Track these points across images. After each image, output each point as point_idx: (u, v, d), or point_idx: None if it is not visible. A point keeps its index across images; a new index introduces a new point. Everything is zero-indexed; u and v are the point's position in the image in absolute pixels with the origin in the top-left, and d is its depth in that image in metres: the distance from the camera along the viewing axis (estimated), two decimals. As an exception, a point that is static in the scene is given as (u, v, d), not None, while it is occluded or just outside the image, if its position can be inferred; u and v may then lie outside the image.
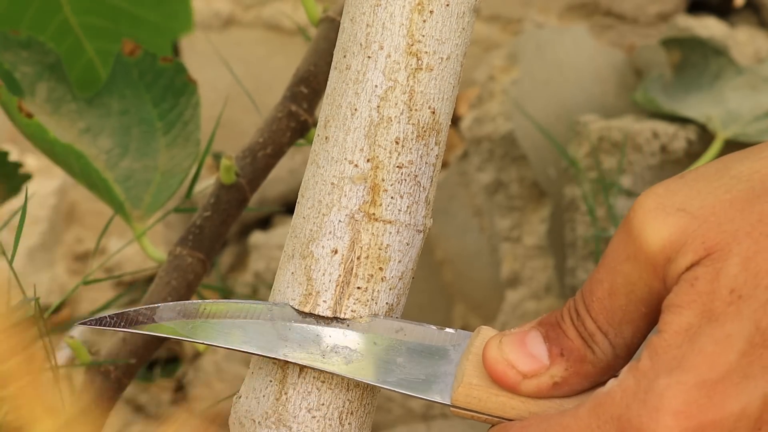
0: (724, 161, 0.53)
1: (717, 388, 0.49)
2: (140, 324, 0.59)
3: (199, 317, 0.59)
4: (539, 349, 0.55)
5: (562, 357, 0.54)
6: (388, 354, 0.58)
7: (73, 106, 0.89)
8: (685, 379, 0.49)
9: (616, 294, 0.53)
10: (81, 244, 1.68)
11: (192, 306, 0.59)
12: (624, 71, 1.29)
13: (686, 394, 0.49)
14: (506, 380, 0.55)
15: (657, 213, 0.52)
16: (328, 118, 0.60)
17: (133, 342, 0.78)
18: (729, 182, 0.52)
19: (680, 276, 0.51)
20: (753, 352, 0.49)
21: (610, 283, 0.53)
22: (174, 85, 0.88)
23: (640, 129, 1.15)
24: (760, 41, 1.35)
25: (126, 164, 0.87)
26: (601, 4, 1.53)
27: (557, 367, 0.54)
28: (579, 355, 0.54)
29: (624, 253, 0.53)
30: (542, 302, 1.24)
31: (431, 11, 0.59)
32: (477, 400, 0.56)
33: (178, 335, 0.59)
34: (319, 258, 0.59)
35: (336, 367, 0.58)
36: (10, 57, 0.88)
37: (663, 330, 0.51)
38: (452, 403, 0.57)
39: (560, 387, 0.55)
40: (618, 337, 0.54)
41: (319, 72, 0.82)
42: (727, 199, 0.51)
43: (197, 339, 0.59)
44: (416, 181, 0.60)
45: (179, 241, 0.80)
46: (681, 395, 0.49)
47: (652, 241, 0.52)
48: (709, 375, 0.49)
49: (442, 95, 0.60)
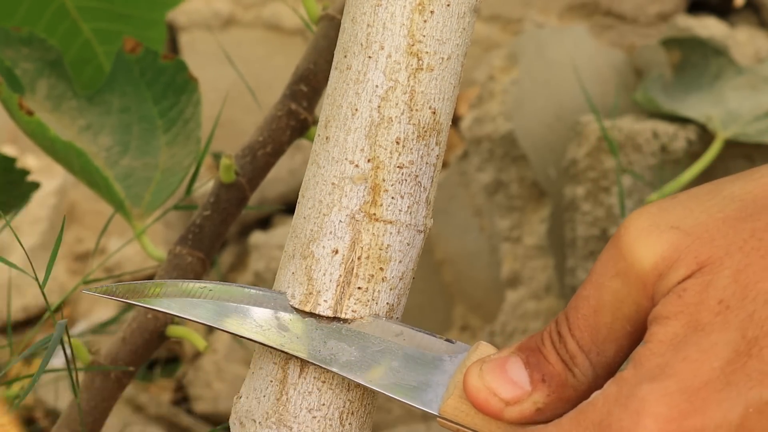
0: (717, 183, 0.53)
1: (699, 394, 0.49)
2: (146, 297, 0.60)
3: (203, 298, 0.59)
4: (520, 375, 0.54)
5: (543, 383, 0.54)
6: (385, 357, 0.58)
7: (73, 103, 0.89)
8: (668, 385, 0.49)
9: (602, 311, 0.53)
10: (81, 244, 1.68)
11: (198, 286, 0.60)
12: (624, 71, 1.29)
13: (668, 398, 0.49)
14: (489, 408, 0.54)
15: (650, 230, 0.52)
16: (329, 118, 0.60)
17: (133, 341, 0.78)
18: (721, 202, 0.52)
19: (670, 290, 0.51)
20: (738, 361, 0.49)
21: (596, 300, 0.53)
22: (175, 83, 0.87)
23: (640, 129, 1.15)
24: (760, 41, 1.35)
25: (126, 162, 0.87)
26: (601, 4, 1.53)
27: (539, 393, 0.54)
28: (560, 380, 0.54)
29: (613, 269, 0.53)
30: (542, 302, 1.24)
31: (432, 11, 0.59)
32: (464, 414, 0.56)
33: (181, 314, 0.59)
34: (319, 258, 0.59)
35: (331, 364, 0.58)
36: (10, 53, 0.88)
37: (648, 341, 0.51)
38: (440, 414, 0.57)
39: (543, 412, 0.54)
40: (600, 356, 0.54)
41: (318, 70, 0.82)
42: (720, 218, 0.52)
43: (199, 319, 0.59)
44: (417, 182, 0.60)
45: (179, 240, 0.80)
46: (662, 400, 0.49)
47: (644, 258, 0.52)
48: (692, 382, 0.49)
49: (442, 95, 0.60)
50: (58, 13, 0.98)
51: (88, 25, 0.99)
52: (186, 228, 0.80)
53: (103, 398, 0.78)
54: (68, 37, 0.99)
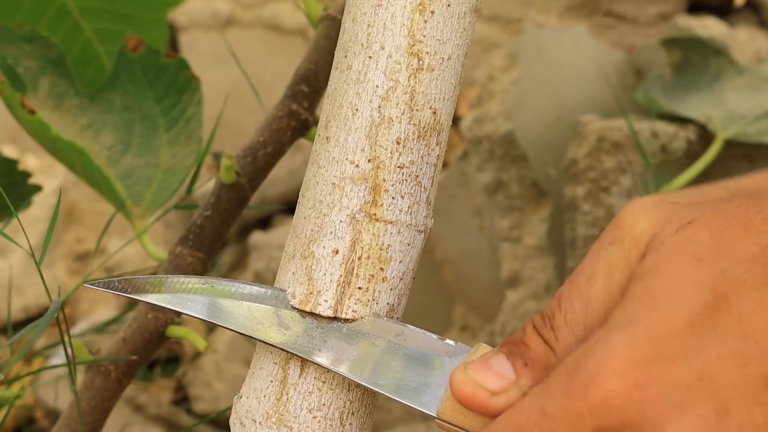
0: (716, 183, 0.56)
1: (665, 342, 0.50)
2: (146, 293, 0.60)
3: (204, 294, 0.60)
4: (504, 367, 0.55)
5: (526, 367, 0.55)
6: (385, 357, 0.58)
7: (75, 102, 0.89)
8: (635, 331, 0.51)
9: (594, 278, 0.54)
10: (81, 244, 1.68)
11: (198, 282, 0.60)
12: (624, 71, 1.29)
13: (635, 344, 0.50)
14: (475, 400, 0.55)
15: (648, 204, 0.54)
16: (329, 119, 0.60)
17: (133, 341, 0.78)
18: (715, 188, 0.55)
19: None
20: (706, 314, 0.50)
21: (591, 268, 0.55)
22: (177, 82, 0.87)
23: (640, 129, 1.15)
24: (760, 41, 1.35)
25: (128, 161, 0.87)
26: (601, 4, 1.53)
27: (524, 378, 0.55)
28: (543, 362, 0.55)
29: (610, 238, 0.55)
30: (542, 302, 1.24)
31: (432, 11, 0.59)
32: (462, 416, 0.56)
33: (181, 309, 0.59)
34: (320, 258, 0.59)
35: (329, 363, 0.58)
36: (13, 51, 0.88)
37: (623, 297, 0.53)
38: (438, 415, 0.57)
39: None
40: (586, 330, 0.54)
41: (319, 71, 0.82)
42: (712, 197, 0.54)
43: (199, 315, 0.59)
44: (417, 182, 0.60)
45: (180, 240, 0.80)
46: (630, 345, 0.50)
47: (638, 223, 0.54)
48: (659, 330, 0.50)
49: (443, 95, 0.60)
50: (60, 13, 0.98)
51: (89, 25, 0.99)
52: (187, 228, 0.80)
53: (103, 398, 0.78)
54: (70, 37, 0.99)
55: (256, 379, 0.61)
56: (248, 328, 0.59)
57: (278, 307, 0.59)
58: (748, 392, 0.49)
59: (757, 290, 0.50)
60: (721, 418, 0.48)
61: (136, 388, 1.42)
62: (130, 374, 0.79)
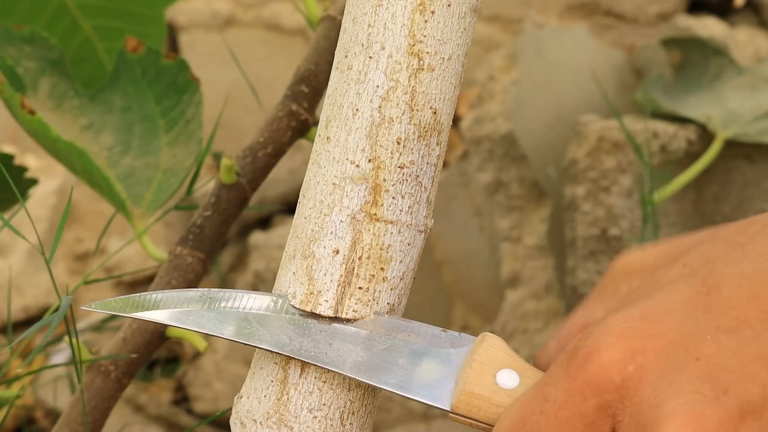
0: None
1: (660, 319, 0.52)
2: (144, 309, 0.60)
3: (203, 304, 0.60)
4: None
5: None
6: (390, 355, 0.58)
7: (75, 102, 0.89)
8: (631, 312, 0.53)
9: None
10: (81, 244, 1.68)
11: (197, 294, 0.60)
12: (624, 71, 1.29)
13: (631, 321, 0.52)
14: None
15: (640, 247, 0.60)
16: (330, 118, 0.60)
17: (133, 342, 0.78)
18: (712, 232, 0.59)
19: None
20: (697, 297, 0.53)
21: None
22: (177, 83, 0.87)
23: (640, 129, 1.15)
24: (760, 41, 1.35)
25: (127, 162, 0.87)
26: (601, 4, 1.53)
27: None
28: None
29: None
30: (542, 302, 1.24)
31: (433, 11, 0.59)
32: (477, 409, 0.56)
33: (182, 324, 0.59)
34: (320, 258, 0.59)
35: (337, 366, 0.58)
36: (13, 52, 0.88)
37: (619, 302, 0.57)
38: (452, 410, 0.56)
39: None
40: None
41: (320, 71, 0.82)
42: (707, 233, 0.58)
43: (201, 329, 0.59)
44: (417, 182, 0.60)
45: (180, 240, 0.80)
46: (626, 323, 0.52)
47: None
48: (653, 309, 0.53)
49: (443, 95, 0.60)
50: (58, 11, 0.98)
51: (88, 23, 0.99)
52: (187, 228, 0.80)
53: (103, 398, 0.78)
54: (68, 34, 0.99)
55: (257, 379, 0.61)
56: (251, 336, 0.59)
57: (279, 314, 0.59)
58: (745, 372, 0.50)
59: (749, 280, 0.52)
60: (720, 396, 0.50)
61: (136, 388, 1.41)
62: (130, 374, 0.79)
